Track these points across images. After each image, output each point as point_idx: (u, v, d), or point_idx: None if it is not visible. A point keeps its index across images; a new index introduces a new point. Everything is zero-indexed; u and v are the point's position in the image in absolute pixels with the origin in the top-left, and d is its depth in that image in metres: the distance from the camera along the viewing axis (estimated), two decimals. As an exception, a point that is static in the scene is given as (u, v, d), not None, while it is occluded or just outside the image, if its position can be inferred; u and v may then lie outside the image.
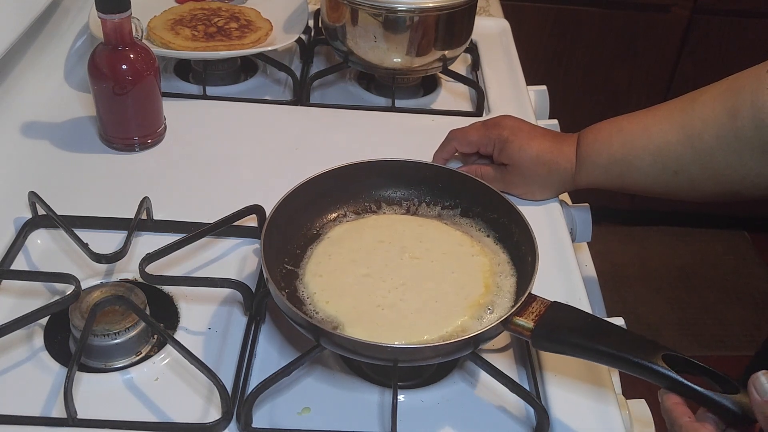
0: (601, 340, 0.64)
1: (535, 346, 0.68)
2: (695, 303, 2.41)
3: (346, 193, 0.85)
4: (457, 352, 0.67)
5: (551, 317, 0.67)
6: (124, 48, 0.94)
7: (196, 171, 0.98)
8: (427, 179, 0.86)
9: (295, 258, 0.79)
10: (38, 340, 0.74)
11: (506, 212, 0.80)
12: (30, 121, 1.04)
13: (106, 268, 0.83)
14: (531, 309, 0.68)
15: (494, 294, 0.74)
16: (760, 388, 0.56)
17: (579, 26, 2.19)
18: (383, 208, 0.86)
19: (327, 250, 0.80)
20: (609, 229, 2.61)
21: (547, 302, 0.69)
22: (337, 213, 0.85)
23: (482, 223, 0.83)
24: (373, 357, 0.67)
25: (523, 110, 1.13)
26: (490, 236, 0.81)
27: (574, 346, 0.65)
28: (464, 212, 0.84)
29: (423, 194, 0.86)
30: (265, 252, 0.73)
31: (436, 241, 0.80)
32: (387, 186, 0.87)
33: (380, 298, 0.73)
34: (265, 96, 1.16)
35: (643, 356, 0.61)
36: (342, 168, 0.84)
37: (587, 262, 1.06)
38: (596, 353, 0.64)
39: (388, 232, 0.81)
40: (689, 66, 2.24)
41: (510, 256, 0.79)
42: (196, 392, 0.71)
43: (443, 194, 0.86)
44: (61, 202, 0.86)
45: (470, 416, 0.71)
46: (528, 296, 0.69)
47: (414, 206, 0.86)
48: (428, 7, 1.04)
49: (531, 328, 0.67)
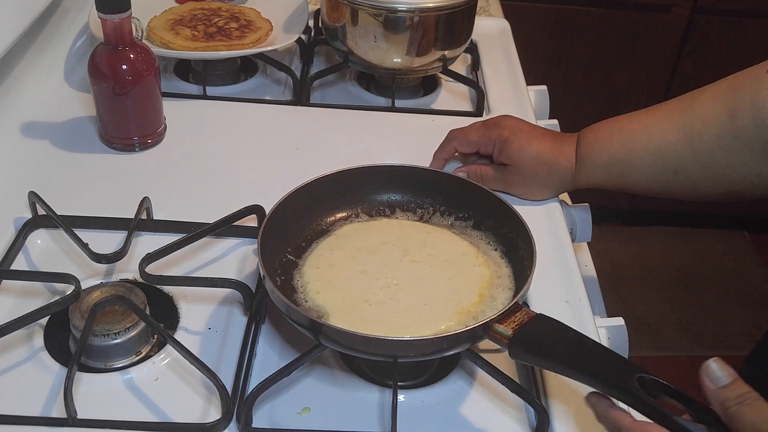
0: (577, 357, 0.62)
1: (512, 355, 0.66)
2: (695, 303, 2.41)
3: (361, 194, 0.85)
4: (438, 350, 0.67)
5: (532, 328, 0.66)
6: (124, 48, 0.94)
7: (196, 171, 0.98)
8: (443, 189, 0.85)
9: (298, 249, 0.80)
10: (38, 340, 0.74)
11: (514, 227, 0.78)
12: (30, 121, 1.04)
13: (106, 268, 0.83)
14: (514, 318, 0.67)
15: (487, 305, 0.73)
16: (713, 375, 0.55)
17: (579, 26, 2.19)
18: (397, 213, 0.86)
19: (331, 245, 0.80)
20: (609, 229, 2.61)
21: (532, 314, 0.67)
22: (349, 212, 0.85)
23: (492, 237, 0.82)
24: (367, 352, 0.67)
25: (523, 110, 1.13)
26: (498, 250, 0.80)
27: (548, 359, 0.64)
28: (476, 224, 0.83)
29: (438, 203, 0.85)
30: (264, 233, 0.74)
31: (440, 248, 0.80)
32: (403, 191, 0.86)
33: (370, 295, 0.73)
34: (265, 96, 1.16)
35: (617, 377, 0.59)
36: (361, 169, 0.84)
37: (587, 262, 1.06)
38: (569, 369, 0.62)
39: (395, 235, 0.81)
40: (689, 66, 2.24)
41: (513, 271, 0.78)
42: (196, 392, 0.71)
43: (458, 205, 0.85)
44: (61, 202, 0.86)
45: (470, 416, 0.71)
46: (513, 305, 0.68)
47: (428, 214, 0.85)
48: (428, 7, 1.04)
49: (509, 336, 0.65)
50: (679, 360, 2.24)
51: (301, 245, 0.81)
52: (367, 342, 0.66)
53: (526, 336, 0.65)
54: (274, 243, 0.77)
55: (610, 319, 0.84)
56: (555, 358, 0.64)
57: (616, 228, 2.63)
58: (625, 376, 0.59)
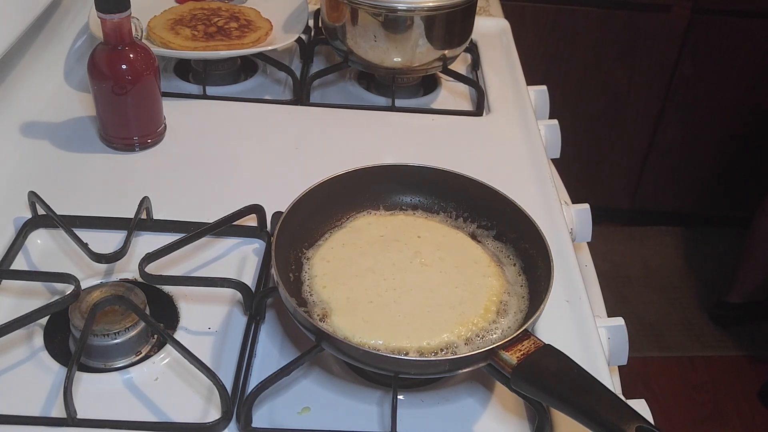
0: (579, 396, 0.61)
1: (514, 385, 0.64)
2: (696, 303, 2.41)
3: (385, 192, 0.85)
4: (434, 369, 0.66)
5: (538, 359, 0.64)
6: (124, 48, 0.94)
7: (196, 171, 0.98)
8: (470, 195, 0.83)
9: (313, 242, 0.80)
10: (38, 340, 0.74)
11: (537, 244, 0.76)
12: (30, 121, 1.04)
13: (105, 268, 0.83)
14: (520, 346, 0.65)
15: (490, 320, 0.72)
16: None
17: (579, 26, 2.19)
18: (418, 213, 0.85)
19: (343, 238, 0.80)
20: (609, 229, 2.61)
21: (540, 343, 0.65)
22: (370, 210, 0.84)
23: (512, 250, 0.80)
24: (369, 364, 0.67)
25: (523, 110, 1.13)
26: (516, 265, 0.78)
27: (551, 395, 0.62)
28: (498, 235, 0.82)
29: (462, 208, 0.84)
30: (282, 227, 0.74)
31: (452, 253, 0.78)
32: (427, 193, 0.85)
33: (375, 295, 0.73)
34: (265, 96, 1.16)
35: (616, 423, 0.58)
36: (387, 167, 0.84)
37: (587, 262, 1.06)
38: (570, 407, 0.61)
39: (409, 234, 0.80)
40: (689, 66, 2.24)
41: (529, 289, 0.76)
42: (196, 392, 0.71)
43: (482, 213, 0.83)
44: (61, 202, 0.86)
45: (470, 416, 0.71)
46: (523, 332, 0.66)
47: (450, 218, 0.84)
48: (428, 6, 1.04)
49: (514, 365, 0.64)
50: (679, 360, 2.24)
51: (316, 238, 0.80)
52: (370, 356, 0.66)
53: (531, 366, 0.63)
54: (291, 237, 0.76)
55: (610, 319, 0.84)
56: (557, 395, 0.61)
57: (616, 228, 2.63)
58: (625, 423, 0.58)
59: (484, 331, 0.71)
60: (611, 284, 2.41)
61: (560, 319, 0.79)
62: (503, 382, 0.67)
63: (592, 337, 0.78)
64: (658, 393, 2.12)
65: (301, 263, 0.77)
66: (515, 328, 0.71)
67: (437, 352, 0.69)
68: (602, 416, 0.59)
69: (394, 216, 0.84)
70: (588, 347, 0.76)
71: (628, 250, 2.58)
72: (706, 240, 2.63)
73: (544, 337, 0.67)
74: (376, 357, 0.65)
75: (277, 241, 0.73)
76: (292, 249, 0.78)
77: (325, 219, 0.82)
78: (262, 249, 0.87)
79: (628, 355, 0.83)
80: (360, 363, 0.67)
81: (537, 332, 0.76)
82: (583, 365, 0.63)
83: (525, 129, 1.09)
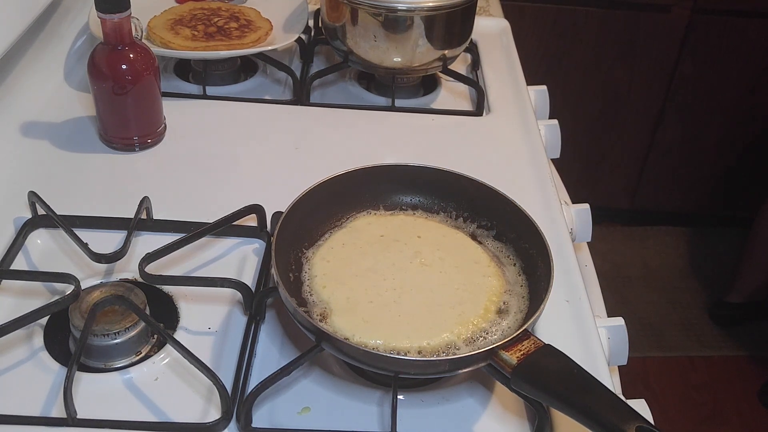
0: (579, 396, 0.61)
1: (514, 384, 0.64)
2: (696, 303, 2.41)
3: (385, 192, 0.85)
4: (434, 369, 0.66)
5: (538, 359, 0.64)
6: (124, 48, 0.94)
7: (196, 171, 0.98)
8: (470, 195, 0.83)
9: (313, 242, 0.80)
10: (38, 340, 0.74)
11: (537, 244, 0.76)
12: (30, 121, 1.04)
13: (105, 268, 0.83)
14: (521, 346, 0.65)
15: (490, 320, 0.72)
16: None
17: (579, 26, 2.19)
18: (418, 213, 0.85)
19: (343, 238, 0.80)
20: (609, 229, 2.61)
21: (540, 343, 0.65)
22: (370, 209, 0.84)
23: (512, 250, 0.80)
24: (369, 364, 0.67)
25: (523, 110, 1.13)
26: (517, 265, 0.79)
27: (551, 395, 0.62)
28: (498, 235, 0.82)
29: (462, 208, 0.84)
30: (282, 227, 0.74)
31: (452, 253, 0.78)
32: (427, 194, 0.85)
33: (375, 295, 0.73)
34: (265, 96, 1.16)
35: (616, 423, 0.58)
36: (388, 167, 0.84)
37: (587, 262, 1.06)
38: (570, 407, 0.61)
39: (409, 234, 0.80)
40: (689, 66, 2.24)
41: (529, 289, 0.76)
42: (196, 392, 0.71)
43: (482, 213, 0.83)
44: (61, 202, 0.86)
45: (470, 416, 0.71)
46: (523, 332, 0.66)
47: (450, 218, 0.84)
48: (428, 6, 1.04)
49: (514, 365, 0.64)
50: (679, 360, 2.24)
51: (316, 238, 0.80)
52: (370, 356, 0.66)
53: (531, 366, 0.63)
54: (291, 236, 0.77)
55: (610, 319, 0.84)
56: (557, 395, 0.61)
57: (616, 228, 2.63)
58: (625, 423, 0.58)
59: (484, 332, 0.71)
60: (611, 284, 2.41)
61: (560, 319, 0.79)
62: (503, 382, 0.67)
63: (592, 337, 0.78)
64: (658, 393, 2.12)
65: (301, 263, 0.78)
66: (515, 328, 0.71)
67: (437, 352, 0.69)
68: (602, 416, 0.59)
69: (394, 216, 0.84)
70: (588, 347, 0.76)
71: (628, 250, 2.58)
72: (706, 240, 2.63)
73: (544, 337, 0.67)
74: (376, 357, 0.65)
75: (277, 241, 0.73)
76: (292, 249, 0.78)
77: (325, 219, 0.82)
78: (262, 249, 0.87)
79: (628, 355, 0.83)
80: (360, 363, 0.67)
81: (537, 332, 0.76)
82: (583, 365, 0.63)
83: (525, 129, 1.09)
